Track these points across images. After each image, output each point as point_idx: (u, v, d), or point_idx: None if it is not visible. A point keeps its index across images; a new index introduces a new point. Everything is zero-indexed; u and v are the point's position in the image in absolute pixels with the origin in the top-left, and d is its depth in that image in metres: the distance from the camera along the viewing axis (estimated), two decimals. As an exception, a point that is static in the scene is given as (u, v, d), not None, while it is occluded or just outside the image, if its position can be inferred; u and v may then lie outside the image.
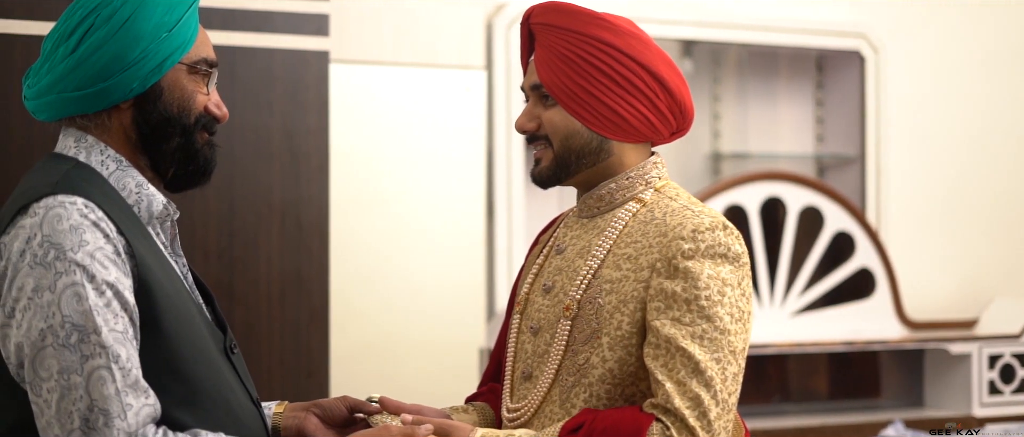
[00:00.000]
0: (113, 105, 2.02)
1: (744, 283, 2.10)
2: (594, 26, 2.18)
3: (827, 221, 5.18)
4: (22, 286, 1.85)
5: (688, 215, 2.11)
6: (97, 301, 1.84)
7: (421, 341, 4.56)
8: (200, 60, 2.08)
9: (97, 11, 1.99)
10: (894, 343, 5.21)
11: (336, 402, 2.30)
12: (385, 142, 4.54)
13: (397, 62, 4.58)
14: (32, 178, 1.99)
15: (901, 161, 5.53)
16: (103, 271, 1.86)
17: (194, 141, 2.09)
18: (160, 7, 2.01)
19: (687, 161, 5.45)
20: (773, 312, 5.10)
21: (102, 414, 1.82)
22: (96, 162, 2.02)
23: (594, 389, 2.12)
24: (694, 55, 5.47)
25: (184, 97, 2.06)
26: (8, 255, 1.88)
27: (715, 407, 2.02)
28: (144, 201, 2.04)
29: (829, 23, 5.38)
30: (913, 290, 5.47)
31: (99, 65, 1.98)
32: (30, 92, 2.05)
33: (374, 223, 4.54)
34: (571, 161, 2.21)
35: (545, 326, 2.21)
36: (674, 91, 2.19)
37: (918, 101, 5.58)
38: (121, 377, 1.84)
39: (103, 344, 1.83)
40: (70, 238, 1.85)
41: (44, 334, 1.83)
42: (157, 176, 2.10)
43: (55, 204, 1.88)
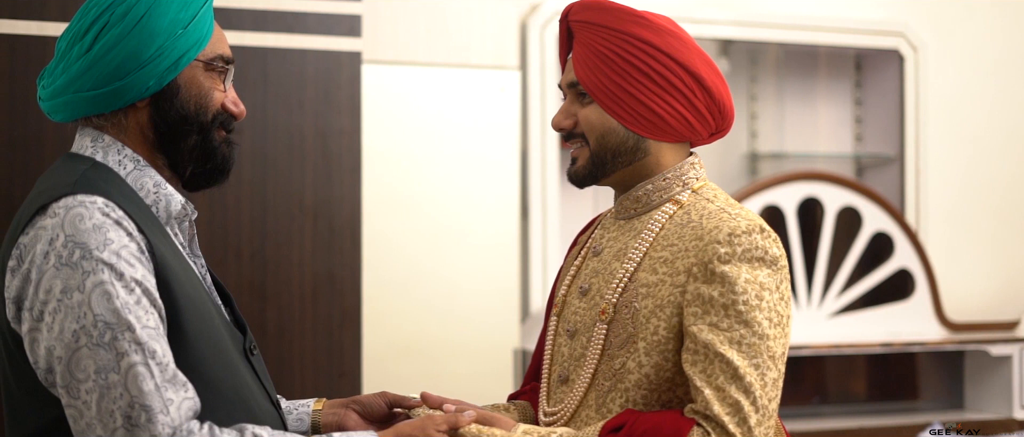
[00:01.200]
0: (129, 104, 2.00)
1: (782, 287, 2.07)
2: (633, 24, 2.16)
3: (865, 221, 5.14)
4: (50, 288, 1.83)
5: (724, 218, 2.09)
6: (127, 298, 1.83)
7: (455, 342, 4.55)
8: (216, 57, 2.06)
9: (111, 8, 1.97)
10: (933, 344, 5.15)
11: (375, 398, 2.29)
12: (418, 143, 4.54)
13: (430, 63, 4.58)
14: (49, 178, 1.97)
15: (941, 161, 5.48)
16: (130, 269, 1.84)
17: (212, 139, 2.07)
18: (174, 4, 1.99)
19: (724, 161, 5.42)
20: (811, 313, 5.06)
21: (144, 410, 1.80)
22: (113, 162, 2.01)
23: (630, 394, 2.10)
24: (731, 54, 5.44)
25: (201, 94, 2.04)
26: (31, 257, 1.86)
27: (755, 413, 2.00)
28: (162, 201, 2.02)
29: (867, 22, 5.33)
30: (953, 291, 5.42)
31: (115, 63, 1.96)
32: (45, 93, 2.04)
33: (406, 224, 4.54)
34: (607, 160, 2.19)
35: (581, 329, 2.20)
36: (713, 91, 2.18)
37: (958, 100, 5.53)
38: (159, 372, 1.82)
39: (138, 340, 1.81)
40: (94, 237, 1.84)
41: (77, 335, 1.81)
42: (175, 175, 2.08)
43: (75, 204, 1.86)
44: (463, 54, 4.60)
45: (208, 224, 3.77)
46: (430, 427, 2.04)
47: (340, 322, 3.89)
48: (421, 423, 2.06)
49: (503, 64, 4.63)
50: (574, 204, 4.93)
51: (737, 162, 5.45)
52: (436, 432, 2.04)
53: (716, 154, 5.37)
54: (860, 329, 5.11)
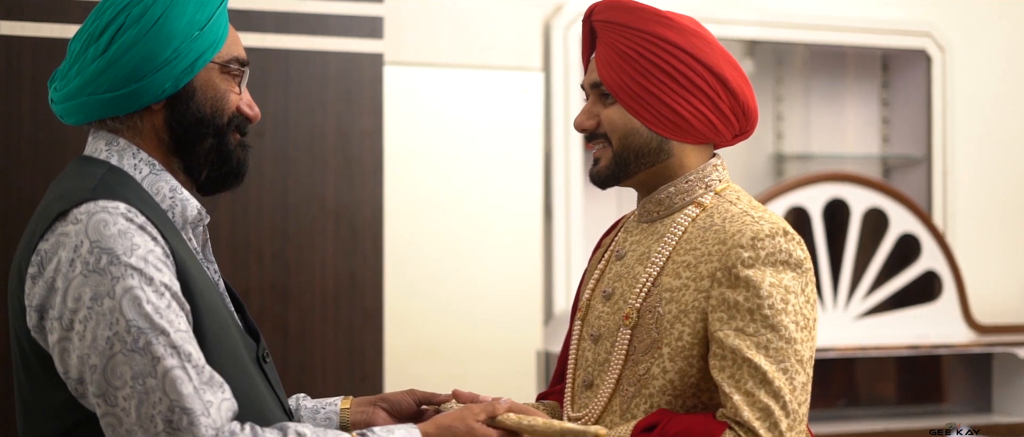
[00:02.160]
0: (145, 106, 1.98)
1: (808, 290, 2.05)
2: (656, 24, 2.15)
3: (892, 223, 5.11)
4: (79, 297, 1.81)
5: (747, 221, 2.07)
6: (158, 302, 1.81)
7: (477, 344, 4.55)
8: (232, 59, 2.04)
9: (127, 10, 1.95)
10: (961, 347, 5.12)
11: (403, 395, 2.28)
12: (440, 144, 4.54)
13: (452, 64, 4.58)
14: (66, 182, 1.95)
15: (968, 161, 5.44)
16: (158, 273, 1.83)
17: (227, 142, 2.05)
18: (191, 5, 1.97)
19: (750, 162, 5.40)
20: (837, 315, 5.03)
21: (185, 413, 1.78)
22: (129, 166, 1.99)
23: (655, 400, 2.09)
24: (757, 55, 5.42)
25: (217, 97, 2.02)
26: (55, 264, 1.84)
27: (786, 418, 1.98)
28: (178, 205, 2.00)
29: (894, 22, 5.30)
30: (980, 293, 5.38)
31: (131, 65, 1.94)
32: (58, 95, 2.01)
33: (429, 226, 4.54)
34: (630, 160, 2.17)
35: (605, 334, 2.18)
36: (737, 92, 2.16)
37: (985, 100, 5.49)
38: (196, 374, 1.80)
39: (173, 344, 1.79)
40: (120, 242, 1.81)
41: (111, 342, 1.79)
42: (190, 179, 2.06)
43: (97, 209, 1.84)
44: (486, 55, 4.59)
45: (230, 226, 3.78)
46: (469, 417, 2.02)
47: (362, 324, 3.89)
48: (459, 414, 2.04)
49: (526, 65, 4.62)
50: (598, 206, 4.92)
51: (763, 163, 5.43)
52: (475, 422, 2.02)
53: (742, 155, 5.35)
54: (887, 331, 5.08)
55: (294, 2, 3.83)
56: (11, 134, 3.63)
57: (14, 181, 3.63)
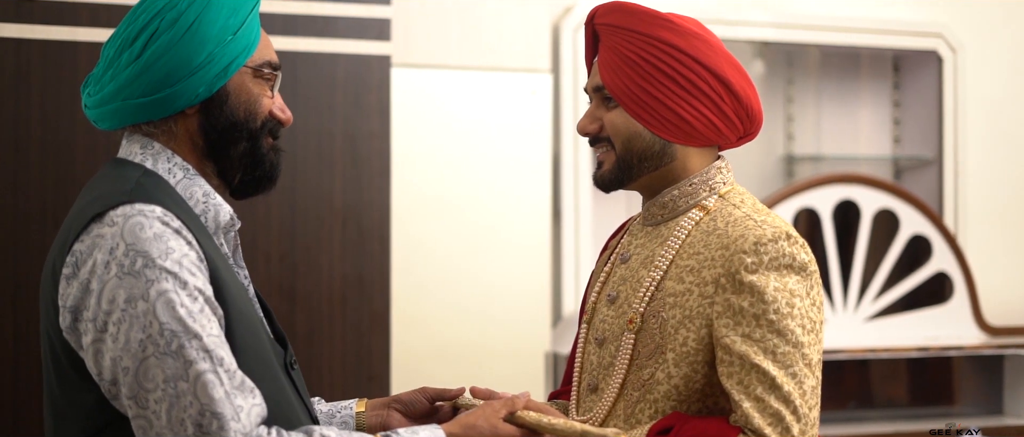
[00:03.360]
0: (179, 111, 1.99)
1: (813, 292, 2.04)
2: (658, 27, 2.13)
3: (903, 224, 5.10)
4: (113, 298, 1.81)
5: (750, 226, 2.06)
6: (192, 306, 1.81)
7: (485, 346, 4.55)
8: (264, 63, 2.05)
9: (161, 15, 1.95)
10: (972, 349, 5.10)
11: (415, 394, 2.27)
12: (448, 146, 4.54)
13: (461, 66, 4.58)
14: (101, 185, 1.96)
15: (979, 163, 5.42)
16: (192, 277, 1.83)
17: (260, 146, 2.05)
18: (224, 9, 1.98)
19: (761, 163, 5.39)
20: (847, 317, 5.02)
21: (215, 418, 1.78)
22: (163, 170, 1.99)
23: (659, 405, 2.08)
24: (768, 56, 5.41)
25: (250, 101, 2.03)
26: (90, 266, 1.84)
27: (797, 423, 1.97)
28: (211, 210, 2.01)
29: (906, 23, 5.29)
30: (992, 295, 5.37)
31: (165, 70, 1.94)
32: (91, 100, 2.01)
33: (436, 227, 4.54)
34: (633, 164, 2.16)
35: (610, 338, 2.18)
36: (740, 95, 2.14)
37: (997, 102, 5.47)
38: (227, 379, 1.81)
39: (205, 348, 1.80)
40: (156, 246, 1.82)
41: (144, 344, 1.79)
42: (223, 183, 2.07)
43: (133, 212, 1.84)
44: (494, 57, 4.60)
45: (237, 228, 3.79)
46: (491, 415, 2.02)
47: (369, 325, 3.90)
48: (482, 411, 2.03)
49: (535, 67, 4.62)
50: (606, 207, 4.92)
51: (774, 164, 5.42)
52: (497, 419, 2.01)
53: (753, 156, 5.34)
54: (898, 333, 5.06)
55: (302, 5, 3.84)
56: (20, 136, 3.65)
57: (22, 182, 3.65)
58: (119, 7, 3.73)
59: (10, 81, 3.64)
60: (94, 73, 2.02)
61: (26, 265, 3.64)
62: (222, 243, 2.04)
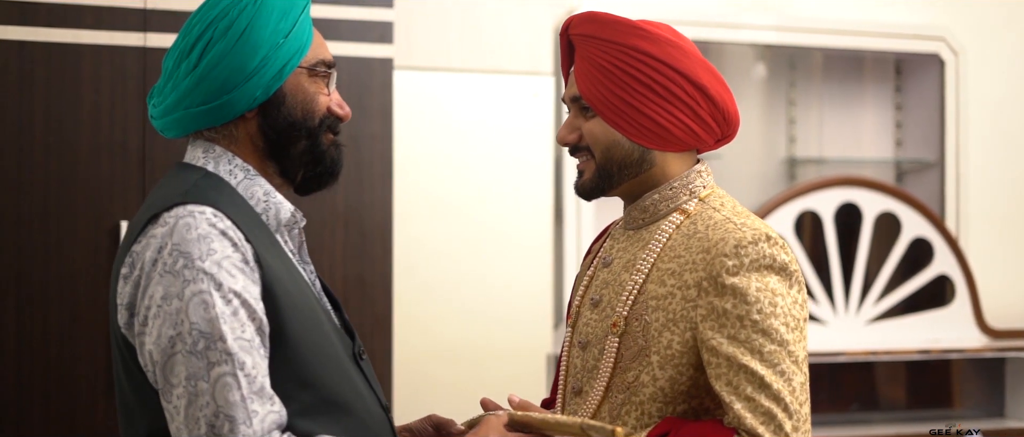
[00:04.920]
0: (239, 115, 2.04)
1: (794, 291, 2.06)
2: (632, 36, 2.15)
3: (904, 227, 5.10)
4: (152, 294, 1.87)
5: (730, 229, 2.08)
6: (224, 309, 1.85)
7: (487, 347, 4.56)
8: (318, 62, 2.09)
9: (214, 24, 2.01)
10: (974, 352, 5.11)
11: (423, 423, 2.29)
12: (450, 148, 4.55)
13: (463, 68, 4.59)
14: (162, 188, 2.02)
15: (981, 166, 5.43)
16: (230, 279, 1.87)
17: (320, 143, 2.10)
18: (275, 14, 2.02)
19: (763, 166, 5.40)
20: (849, 320, 5.03)
21: (227, 420, 1.83)
22: (224, 171, 2.05)
23: (645, 407, 2.10)
24: (771, 59, 5.42)
25: (307, 100, 2.07)
26: (141, 264, 1.90)
27: (789, 420, 1.99)
28: (272, 209, 2.06)
29: (908, 26, 5.29)
30: (993, 298, 5.37)
31: (222, 78, 2.00)
32: (156, 111, 2.08)
33: (439, 229, 4.56)
34: (613, 172, 2.18)
35: (593, 341, 2.19)
36: (716, 98, 2.16)
37: (999, 105, 5.48)
38: (246, 384, 1.85)
39: (229, 351, 1.84)
40: (198, 247, 1.87)
41: (173, 341, 1.85)
42: (286, 181, 2.12)
43: (185, 213, 1.90)
44: (496, 59, 4.61)
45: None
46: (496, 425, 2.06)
47: (371, 328, 3.91)
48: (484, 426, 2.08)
49: (537, 70, 4.63)
50: (607, 209, 4.92)
51: (776, 167, 5.43)
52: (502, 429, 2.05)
53: (755, 159, 5.35)
54: (899, 336, 5.07)
55: (304, 7, 3.85)
56: (24, 137, 3.66)
57: (26, 183, 3.67)
58: (122, 9, 3.74)
59: (14, 83, 3.66)
60: (157, 85, 2.09)
61: (29, 266, 3.66)
62: (286, 240, 2.09)
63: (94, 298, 3.71)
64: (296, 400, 1.94)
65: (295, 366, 1.94)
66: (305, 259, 2.15)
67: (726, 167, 5.29)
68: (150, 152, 3.76)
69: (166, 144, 3.76)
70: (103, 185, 3.73)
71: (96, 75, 3.73)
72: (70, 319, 3.69)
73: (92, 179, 3.72)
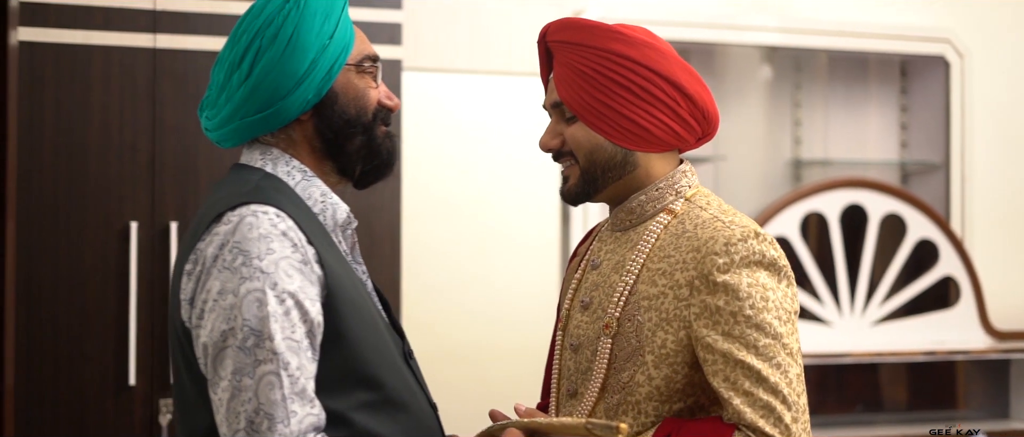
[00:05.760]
0: (294, 119, 2.08)
1: (784, 285, 2.08)
2: (609, 40, 2.16)
3: (910, 229, 5.11)
4: (210, 288, 1.92)
5: (718, 227, 2.10)
6: (276, 308, 1.89)
7: (495, 347, 4.57)
8: (364, 58, 2.13)
9: (260, 33, 2.05)
10: (978, 353, 5.12)
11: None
12: (458, 149, 4.56)
13: (471, 70, 4.60)
14: (224, 188, 2.06)
15: (986, 168, 5.44)
16: (286, 280, 1.91)
17: (376, 136, 2.15)
18: (318, 16, 2.06)
19: (768, 168, 5.41)
20: (854, 321, 5.04)
21: (267, 418, 1.87)
22: (283, 172, 2.09)
23: (642, 406, 2.11)
24: (776, 61, 5.43)
25: (358, 96, 2.12)
26: (203, 259, 1.94)
27: (789, 411, 2.01)
28: (329, 209, 2.10)
29: (913, 28, 5.30)
30: (998, 299, 5.38)
31: (275, 85, 2.04)
32: (211, 123, 2.12)
33: (447, 230, 4.56)
34: (598, 176, 2.19)
35: (585, 343, 2.21)
36: (695, 98, 2.18)
37: (1004, 106, 5.49)
38: (289, 384, 1.88)
39: (275, 350, 1.87)
40: (258, 246, 1.91)
41: (225, 335, 1.89)
42: (344, 179, 2.16)
43: (248, 213, 1.94)
44: (504, 61, 4.61)
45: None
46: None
47: (379, 328, 3.92)
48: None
49: (544, 71, 4.63)
50: (615, 211, 4.93)
51: (781, 169, 5.44)
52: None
53: (760, 161, 5.36)
54: (904, 337, 5.08)
55: (313, 8, 3.86)
56: (33, 138, 3.67)
57: (36, 183, 3.68)
58: (131, 10, 3.75)
59: (24, 84, 3.67)
60: (208, 98, 2.13)
61: (38, 265, 3.67)
62: (339, 240, 2.12)
63: (104, 298, 3.72)
64: (355, 397, 1.98)
65: (355, 365, 1.98)
66: (358, 259, 2.18)
67: (731, 169, 5.30)
68: (160, 153, 3.77)
69: (175, 145, 3.77)
70: (112, 186, 3.74)
71: (106, 76, 3.74)
72: (80, 319, 3.70)
73: (101, 180, 3.73)
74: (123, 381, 3.72)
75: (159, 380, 3.75)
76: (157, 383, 3.75)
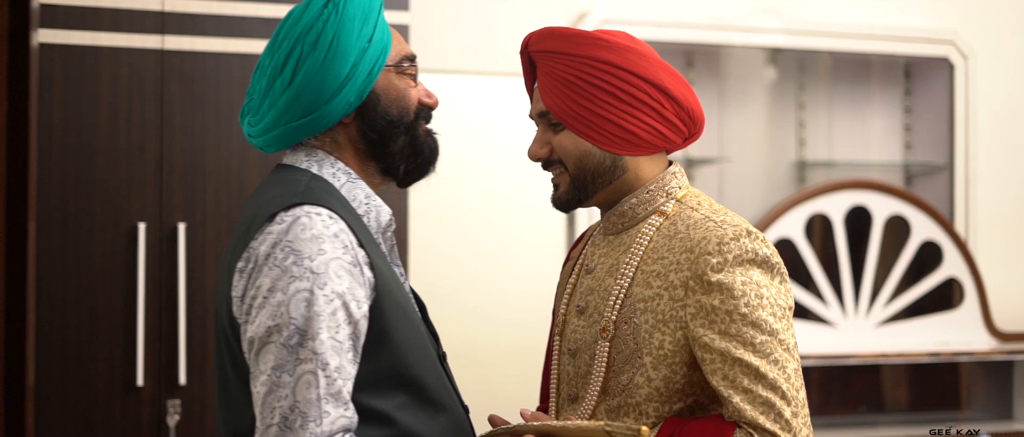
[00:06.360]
0: (337, 122, 2.10)
1: (777, 281, 2.09)
2: (591, 46, 2.17)
3: (914, 230, 5.12)
4: (260, 285, 1.94)
5: (710, 227, 2.11)
6: (323, 308, 1.91)
7: (501, 348, 4.58)
8: (402, 58, 2.15)
9: (301, 40, 2.06)
10: (982, 354, 5.13)
11: None
12: (464, 150, 4.57)
13: (478, 71, 4.61)
14: (273, 189, 2.07)
15: (990, 169, 5.44)
16: (336, 281, 1.93)
17: (418, 135, 2.17)
18: (357, 20, 2.08)
19: (772, 169, 5.41)
20: (858, 322, 5.05)
21: (300, 416, 1.89)
22: (328, 174, 2.11)
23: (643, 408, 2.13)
24: (780, 63, 5.44)
25: (400, 97, 2.13)
26: (255, 257, 1.96)
27: (788, 406, 2.02)
28: (373, 211, 2.13)
29: (917, 30, 5.31)
30: (1002, 301, 5.39)
31: (318, 90, 2.05)
32: (254, 130, 2.13)
33: (453, 230, 4.57)
34: (588, 182, 2.21)
35: (583, 347, 2.22)
36: (680, 99, 2.19)
37: (1008, 108, 5.50)
38: (326, 384, 1.90)
39: (316, 351, 1.90)
40: (310, 246, 1.93)
41: (270, 331, 1.91)
42: (387, 178, 2.18)
43: (302, 214, 1.96)
44: (511, 63, 4.62)
45: (256, 231, 3.83)
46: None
47: (386, 329, 3.92)
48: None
49: (550, 73, 4.64)
50: (620, 212, 4.94)
51: (785, 170, 5.45)
52: None
53: (764, 162, 5.37)
54: (908, 339, 5.09)
55: (320, 10, 3.87)
56: (42, 139, 3.68)
57: (44, 185, 3.68)
58: (140, 12, 3.76)
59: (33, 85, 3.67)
60: (250, 104, 2.14)
61: (46, 266, 3.68)
62: (380, 242, 2.14)
63: (111, 299, 3.73)
64: (398, 397, 2.01)
65: (399, 366, 2.01)
66: (396, 261, 2.20)
67: (735, 170, 5.31)
68: (167, 154, 3.77)
69: (183, 147, 3.78)
70: (121, 187, 3.74)
71: (114, 77, 3.75)
72: (88, 320, 3.71)
73: (109, 181, 3.74)
74: (131, 382, 3.73)
75: (166, 381, 3.76)
76: (165, 384, 3.76)
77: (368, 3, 2.10)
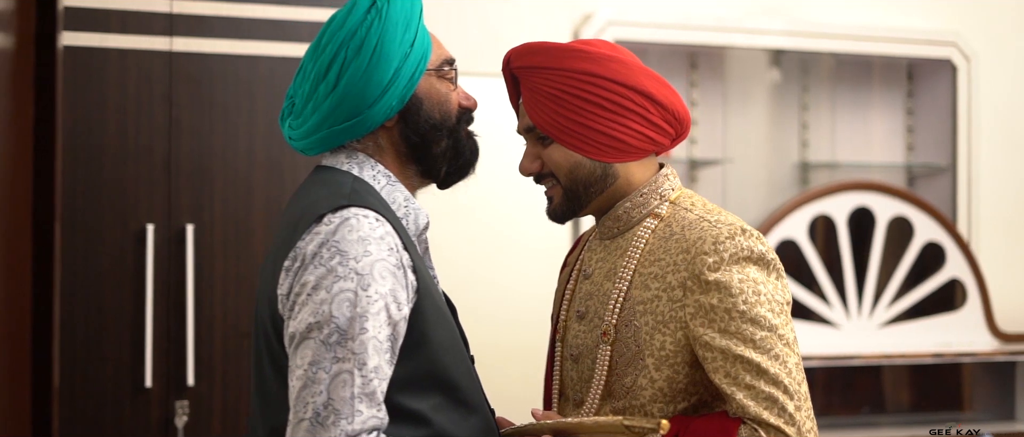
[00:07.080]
0: (379, 125, 2.12)
1: (773, 277, 2.11)
2: (571, 59, 2.19)
3: (917, 231, 5.14)
4: (305, 282, 1.97)
5: (705, 227, 2.13)
6: (366, 308, 1.94)
7: (505, 349, 4.58)
8: (442, 62, 2.18)
9: (345, 45, 2.09)
10: (985, 355, 5.14)
11: None
12: (470, 152, 4.56)
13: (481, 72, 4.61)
14: (317, 190, 2.10)
15: (992, 170, 5.46)
16: (380, 282, 1.96)
17: (461, 138, 2.21)
18: (399, 26, 2.10)
19: (775, 171, 5.42)
20: (861, 323, 5.06)
21: (333, 412, 1.91)
22: (368, 176, 2.14)
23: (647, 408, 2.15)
24: (783, 64, 5.45)
25: (441, 100, 2.17)
26: (302, 256, 1.99)
27: (791, 401, 2.04)
28: (412, 214, 2.16)
29: (919, 32, 5.33)
30: (1005, 302, 5.40)
31: (361, 94, 2.08)
32: (296, 133, 2.16)
33: (457, 232, 4.57)
34: (580, 192, 2.23)
35: (584, 352, 2.23)
36: (664, 102, 2.20)
37: (1010, 109, 5.51)
38: (361, 383, 1.93)
39: (355, 351, 1.93)
40: (355, 247, 1.96)
41: (310, 327, 1.94)
42: (427, 180, 2.22)
43: (350, 215, 1.99)
44: (515, 64, 4.62)
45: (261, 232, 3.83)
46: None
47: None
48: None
49: (555, 74, 4.64)
50: (625, 213, 4.94)
51: (788, 172, 5.46)
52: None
53: (767, 164, 5.38)
54: (911, 340, 5.10)
55: (324, 12, 3.88)
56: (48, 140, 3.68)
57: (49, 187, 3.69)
58: (148, 14, 3.76)
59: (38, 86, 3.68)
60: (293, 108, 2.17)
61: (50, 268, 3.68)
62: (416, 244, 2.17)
63: (120, 300, 3.73)
64: (434, 398, 2.04)
65: (436, 368, 2.04)
66: (430, 264, 2.24)
67: (739, 171, 5.32)
68: (175, 156, 3.78)
69: (191, 148, 3.79)
70: (129, 188, 3.75)
71: (122, 79, 3.76)
72: (96, 321, 3.72)
73: (118, 182, 3.74)
74: (139, 383, 3.74)
75: (175, 382, 3.76)
76: (173, 385, 3.76)
77: (410, 8, 2.12)
